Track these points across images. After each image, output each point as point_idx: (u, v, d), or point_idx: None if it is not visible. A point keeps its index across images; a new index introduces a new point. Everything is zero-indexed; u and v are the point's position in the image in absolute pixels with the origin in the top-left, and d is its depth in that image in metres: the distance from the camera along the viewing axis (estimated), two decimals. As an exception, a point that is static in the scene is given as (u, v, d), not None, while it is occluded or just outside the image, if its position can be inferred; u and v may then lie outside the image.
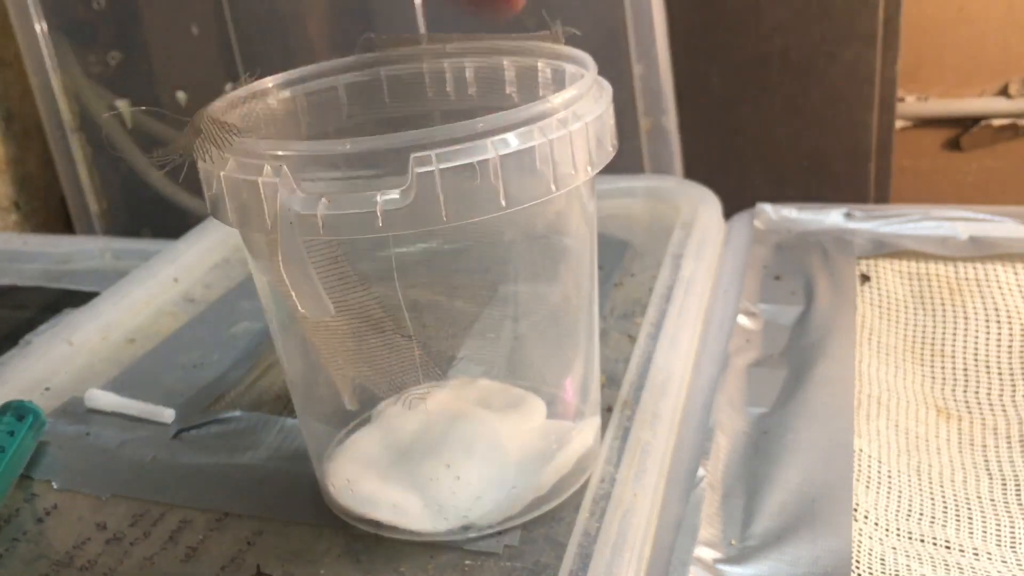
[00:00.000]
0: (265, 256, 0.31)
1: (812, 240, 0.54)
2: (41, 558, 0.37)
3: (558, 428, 0.37)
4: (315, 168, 0.28)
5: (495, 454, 0.36)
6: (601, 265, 0.53)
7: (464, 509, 0.35)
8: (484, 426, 0.36)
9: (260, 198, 0.28)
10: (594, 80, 0.32)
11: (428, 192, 0.27)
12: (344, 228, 0.28)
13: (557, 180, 0.29)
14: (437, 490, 0.35)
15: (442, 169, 0.27)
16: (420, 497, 0.35)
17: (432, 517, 0.35)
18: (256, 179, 0.28)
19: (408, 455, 0.36)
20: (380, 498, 0.36)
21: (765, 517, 0.35)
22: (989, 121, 0.83)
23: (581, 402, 0.38)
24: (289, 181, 0.28)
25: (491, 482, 0.35)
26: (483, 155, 0.27)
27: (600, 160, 0.31)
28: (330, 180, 0.28)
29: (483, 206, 0.28)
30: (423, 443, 0.36)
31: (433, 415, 0.37)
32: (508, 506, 0.35)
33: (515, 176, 0.28)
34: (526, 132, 0.28)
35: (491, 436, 0.36)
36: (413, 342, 0.31)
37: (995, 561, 0.34)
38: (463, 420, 0.37)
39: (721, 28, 0.72)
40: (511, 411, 0.37)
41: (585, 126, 0.30)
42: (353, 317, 0.30)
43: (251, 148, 0.29)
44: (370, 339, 0.31)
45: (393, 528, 0.35)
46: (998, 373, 0.44)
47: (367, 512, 0.36)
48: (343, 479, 0.36)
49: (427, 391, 0.34)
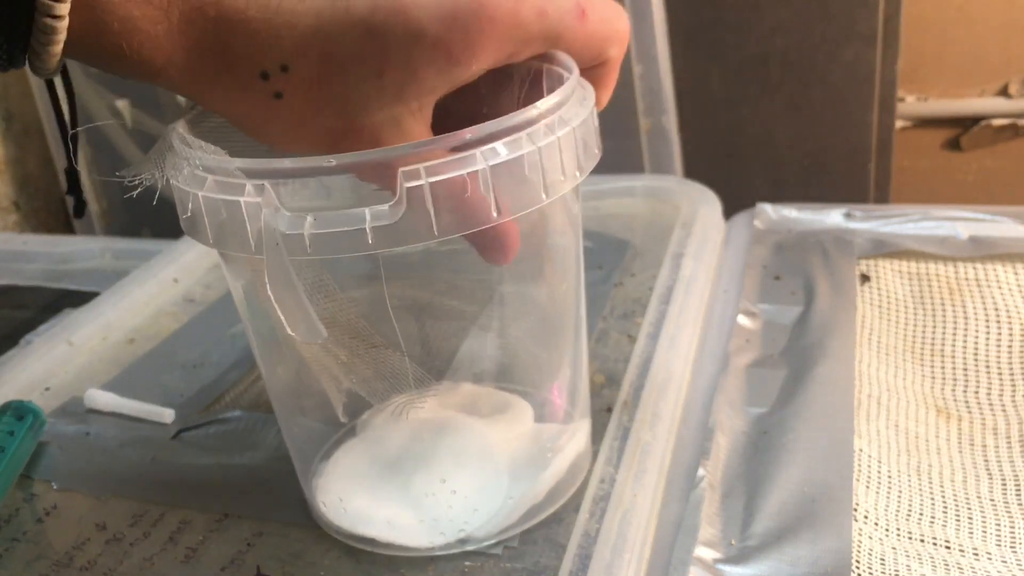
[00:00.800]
0: (248, 277, 0.30)
1: (812, 240, 0.54)
2: (41, 558, 0.37)
3: (548, 432, 0.37)
4: (299, 185, 0.27)
5: (488, 464, 0.36)
6: (601, 265, 0.53)
7: (461, 523, 0.34)
8: (473, 435, 0.36)
9: (242, 219, 0.27)
10: (577, 82, 0.31)
11: (418, 207, 0.26)
12: (332, 247, 0.26)
13: (547, 188, 0.28)
14: (433, 505, 0.35)
15: (432, 183, 0.26)
16: (415, 513, 0.35)
17: (428, 532, 0.34)
18: (238, 199, 0.27)
19: (398, 469, 0.36)
20: (373, 515, 0.35)
21: (765, 517, 0.35)
22: (989, 121, 0.83)
23: (570, 405, 0.38)
24: (272, 200, 0.26)
25: (487, 493, 0.35)
26: (473, 166, 0.27)
27: (587, 164, 0.30)
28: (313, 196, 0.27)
29: (475, 218, 0.27)
30: (413, 456, 0.36)
31: (418, 425, 0.36)
32: (504, 517, 0.35)
33: (506, 186, 0.27)
34: (515, 141, 0.27)
35: (482, 445, 0.36)
36: (404, 355, 0.31)
37: (995, 561, 0.34)
38: (451, 430, 0.36)
39: (721, 28, 0.72)
40: (498, 416, 0.37)
41: (572, 131, 0.29)
42: (342, 332, 0.30)
43: (227, 166, 0.27)
44: (360, 351, 0.30)
45: (388, 545, 0.35)
46: (998, 373, 0.44)
47: (361, 530, 0.35)
48: (335, 497, 0.36)
49: (420, 401, 0.33)
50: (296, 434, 0.37)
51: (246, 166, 0.27)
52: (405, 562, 0.35)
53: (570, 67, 0.31)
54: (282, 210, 0.26)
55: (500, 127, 0.27)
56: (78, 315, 0.53)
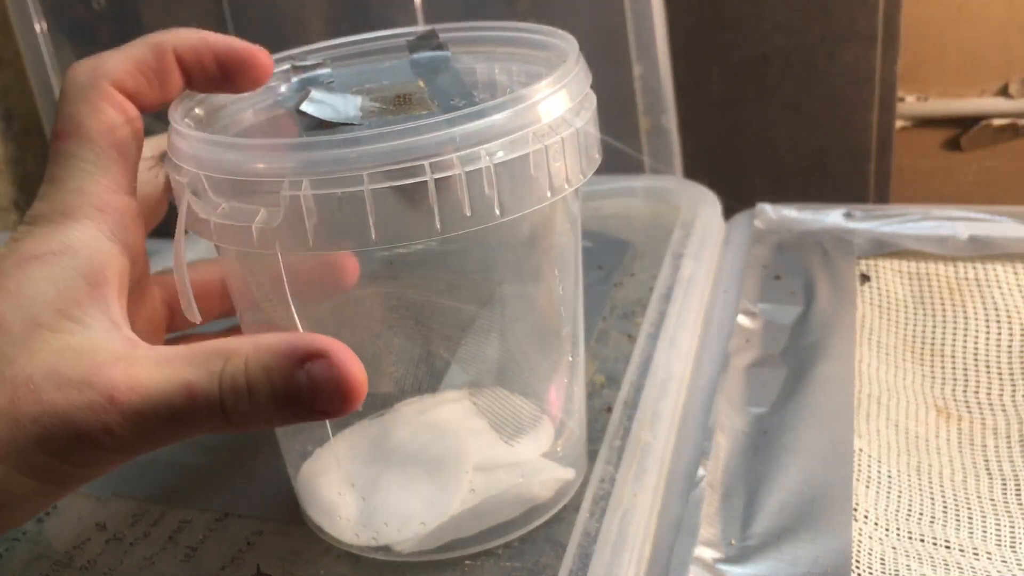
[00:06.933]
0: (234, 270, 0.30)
1: (812, 240, 0.53)
2: (41, 558, 0.37)
3: (537, 469, 0.36)
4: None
5: (436, 477, 0.35)
6: (601, 265, 0.53)
7: (373, 530, 0.34)
8: (446, 445, 0.36)
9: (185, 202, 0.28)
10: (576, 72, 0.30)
11: (294, 215, 0.26)
12: (228, 238, 0.28)
13: (553, 188, 0.28)
14: (344, 504, 0.34)
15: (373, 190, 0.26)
16: (356, 505, 0.35)
17: (350, 529, 0.34)
18: (182, 180, 0.29)
19: (359, 459, 0.36)
20: (320, 499, 0.35)
21: (765, 517, 0.35)
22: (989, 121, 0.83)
23: (565, 413, 0.37)
24: (201, 183, 0.28)
25: (404, 506, 0.34)
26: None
27: (589, 169, 0.30)
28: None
29: (420, 228, 0.27)
30: (382, 449, 0.36)
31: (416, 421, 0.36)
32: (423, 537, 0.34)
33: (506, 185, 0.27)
34: (519, 139, 0.27)
35: (447, 458, 0.35)
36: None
37: (995, 561, 0.34)
38: (436, 434, 0.36)
39: (721, 28, 0.72)
40: (517, 437, 0.36)
41: (576, 132, 0.29)
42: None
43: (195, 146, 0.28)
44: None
45: (323, 531, 0.35)
46: (998, 373, 0.44)
47: (308, 510, 0.36)
48: (306, 477, 0.36)
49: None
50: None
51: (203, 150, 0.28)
52: (405, 562, 0.35)
53: (570, 52, 0.30)
54: (209, 192, 0.28)
55: (497, 128, 0.27)
56: (78, 315, 0.53)
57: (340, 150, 0.26)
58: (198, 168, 0.28)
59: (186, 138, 0.29)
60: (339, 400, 0.25)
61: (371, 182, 0.26)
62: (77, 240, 0.28)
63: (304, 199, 0.26)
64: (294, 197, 0.26)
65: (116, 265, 0.28)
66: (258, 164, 0.27)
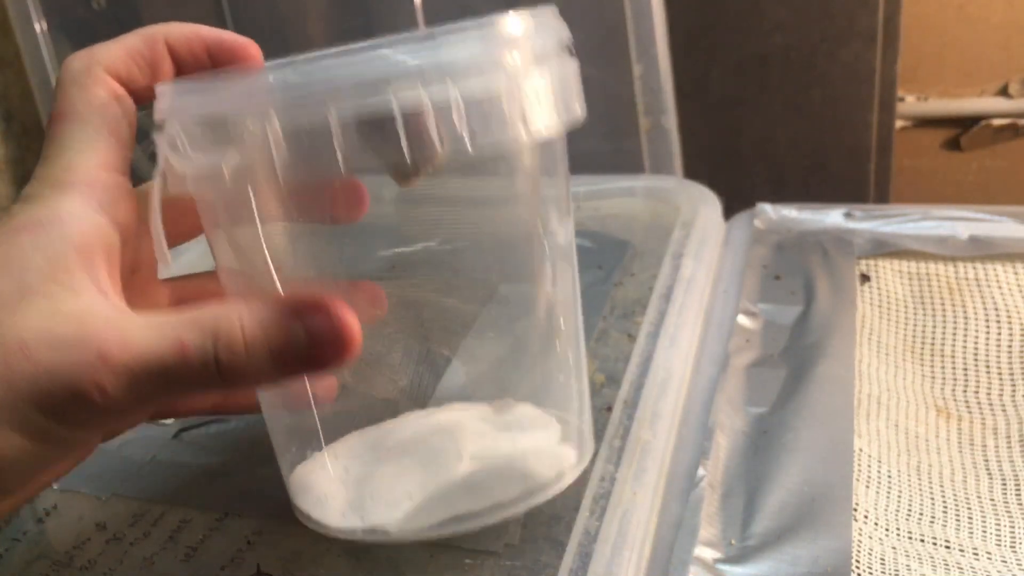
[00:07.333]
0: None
1: (812, 240, 0.54)
2: (41, 558, 0.37)
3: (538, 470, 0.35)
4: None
5: (430, 471, 0.34)
6: (601, 265, 0.53)
7: (357, 514, 0.34)
8: (445, 439, 0.35)
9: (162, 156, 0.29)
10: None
11: (263, 151, 0.27)
12: (204, 184, 0.28)
13: (528, 130, 0.28)
14: (338, 491, 0.34)
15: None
16: (346, 492, 0.34)
17: (338, 514, 0.34)
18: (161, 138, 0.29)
19: (357, 455, 0.36)
20: (311, 488, 0.35)
21: (765, 517, 0.35)
22: (989, 121, 0.83)
23: (570, 412, 0.37)
24: (179, 137, 0.28)
25: (393, 493, 0.34)
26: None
27: (568, 119, 0.29)
28: None
29: (388, 156, 0.27)
30: (381, 444, 0.36)
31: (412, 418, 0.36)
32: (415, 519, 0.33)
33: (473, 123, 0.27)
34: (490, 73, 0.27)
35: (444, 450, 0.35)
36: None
37: (995, 561, 0.34)
38: (444, 433, 0.36)
39: (721, 28, 0.72)
40: (517, 430, 0.36)
41: (550, 75, 0.28)
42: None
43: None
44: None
45: (311, 520, 0.34)
46: (998, 373, 0.44)
47: (298, 501, 0.35)
48: (299, 472, 0.36)
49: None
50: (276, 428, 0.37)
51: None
52: (405, 560, 0.35)
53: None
54: (181, 138, 0.28)
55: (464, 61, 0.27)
56: (78, 315, 0.53)
57: (305, 80, 0.26)
58: (171, 116, 0.28)
59: (162, 94, 0.29)
60: (339, 348, 0.25)
61: (337, 111, 0.26)
62: (65, 211, 0.28)
63: (271, 132, 0.26)
64: (261, 130, 0.26)
65: (104, 237, 0.28)
66: (224, 104, 0.27)
